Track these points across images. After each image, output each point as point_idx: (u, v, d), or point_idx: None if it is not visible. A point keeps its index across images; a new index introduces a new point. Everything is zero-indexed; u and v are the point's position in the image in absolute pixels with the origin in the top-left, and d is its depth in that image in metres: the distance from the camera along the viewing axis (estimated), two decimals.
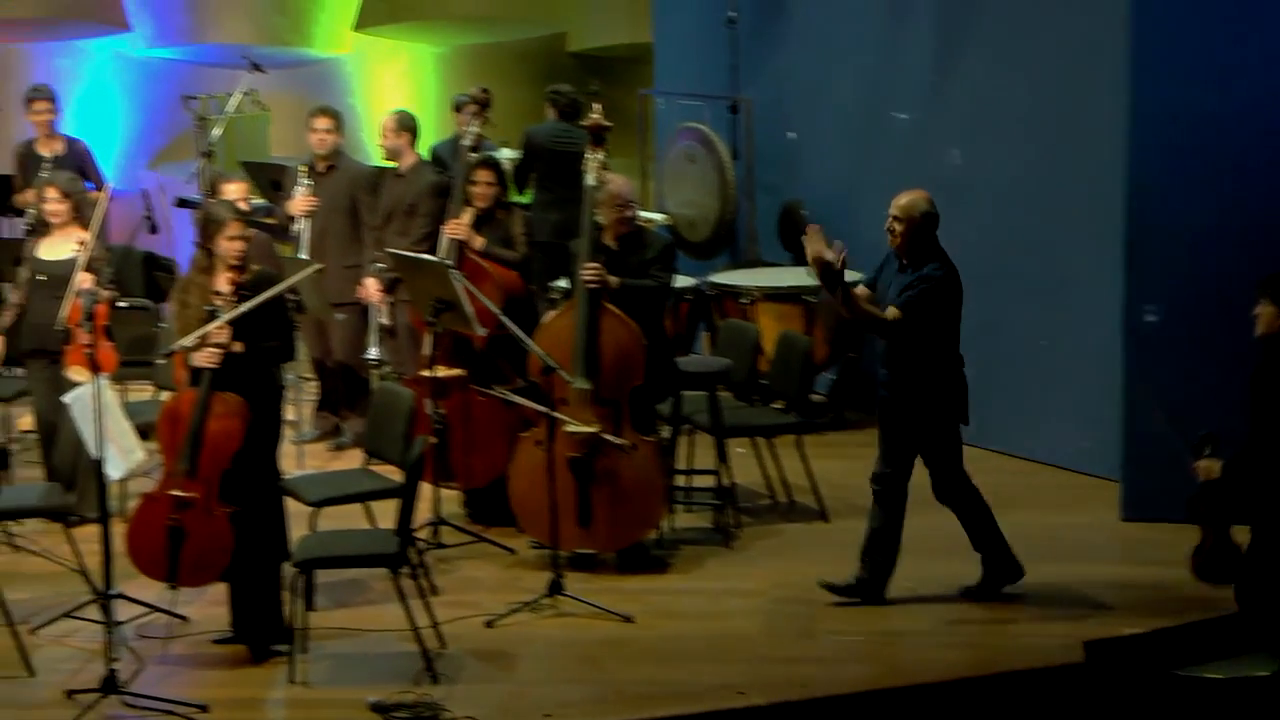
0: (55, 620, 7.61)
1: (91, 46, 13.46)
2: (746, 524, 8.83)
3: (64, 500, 8.18)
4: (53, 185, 8.79)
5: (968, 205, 9.99)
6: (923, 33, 10.31)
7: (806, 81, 11.30)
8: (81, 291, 8.05)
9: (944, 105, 10.15)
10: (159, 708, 6.77)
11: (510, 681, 7.13)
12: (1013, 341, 9.79)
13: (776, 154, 11.42)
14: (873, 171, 10.73)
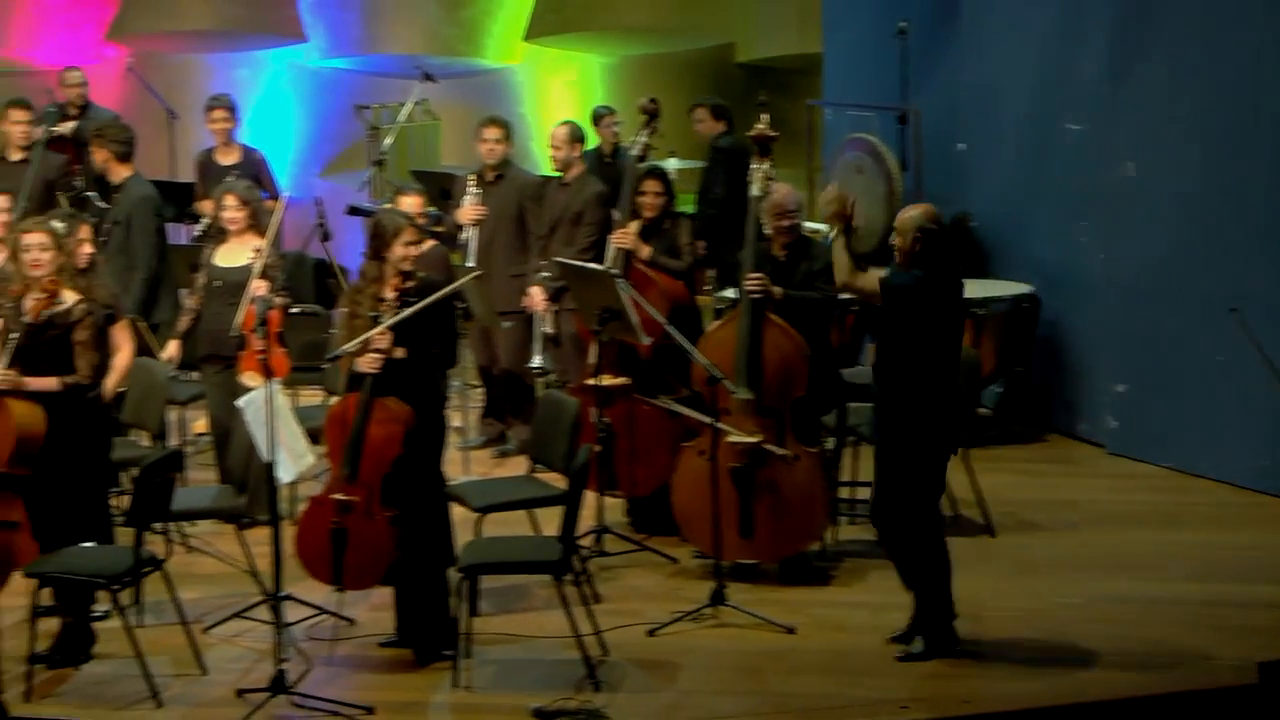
0: (226, 620, 7.75)
1: (269, 57, 13.71)
2: None
3: (236, 503, 8.32)
4: (231, 193, 8.95)
5: (1141, 217, 9.85)
6: (1097, 42, 10.17)
7: (977, 92, 11.20)
8: (256, 298, 8.18)
9: (1118, 116, 10.00)
10: (325, 709, 6.86)
11: (671, 690, 7.13)
12: (1189, 357, 9.62)
13: (945, 165, 11.32)
14: (1044, 183, 10.61)
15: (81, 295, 7.45)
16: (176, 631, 7.37)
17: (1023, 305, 10.35)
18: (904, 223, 7.30)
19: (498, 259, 9.90)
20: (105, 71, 13.21)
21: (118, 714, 6.87)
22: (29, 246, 7.37)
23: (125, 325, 7.88)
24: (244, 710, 6.85)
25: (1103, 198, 10.11)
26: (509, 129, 10.11)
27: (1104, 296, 10.13)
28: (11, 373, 7.24)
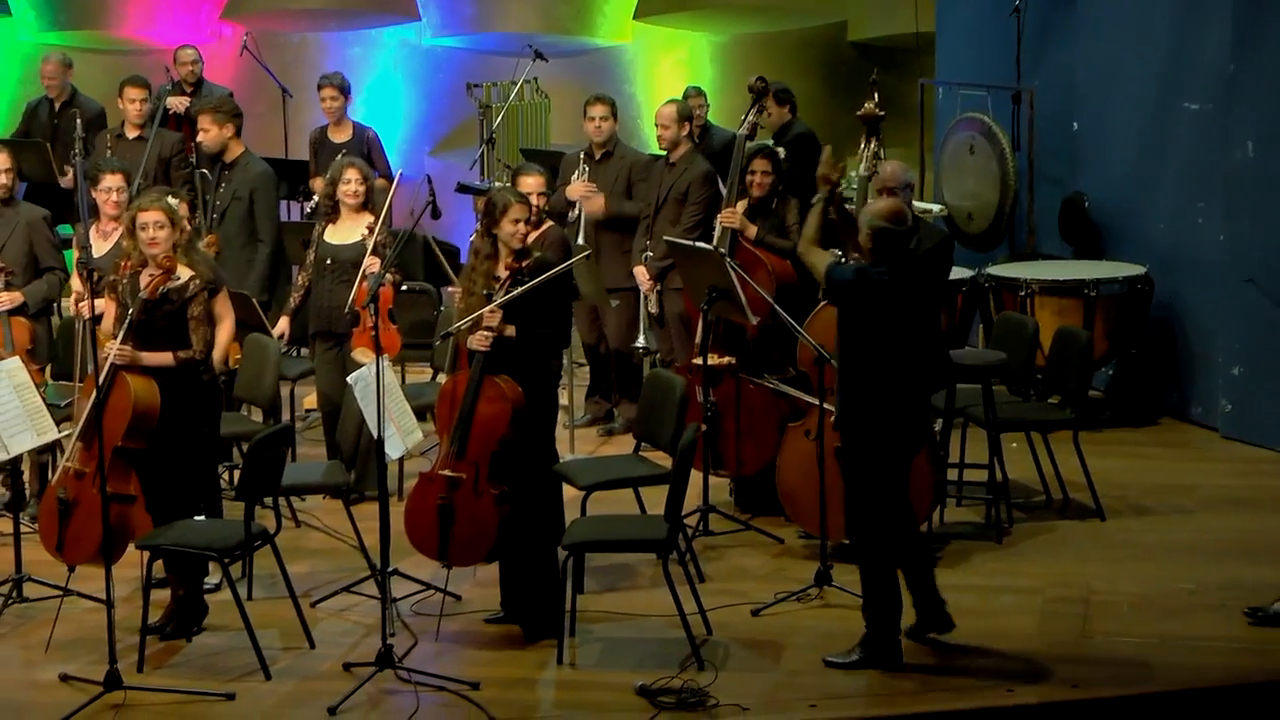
0: (335, 594, 7.82)
1: (382, 35, 13.79)
2: (1019, 520, 8.67)
3: (345, 478, 8.39)
4: (354, 166, 8.99)
5: (1261, 199, 9.69)
6: (1219, 21, 10.00)
7: (1093, 71, 11.05)
8: (368, 275, 8.24)
9: (1239, 96, 9.83)
10: (432, 683, 6.91)
11: (776, 671, 7.11)
12: None
13: (1060, 145, 11.20)
14: (1162, 164, 10.46)
15: (196, 272, 7.53)
16: (285, 605, 7.44)
17: (1137, 287, 10.22)
18: (863, 218, 7.12)
19: (606, 237, 9.92)
20: (221, 50, 13.34)
21: (228, 685, 6.94)
22: (146, 224, 7.45)
23: (226, 298, 7.95)
24: (351, 684, 6.90)
25: (1221, 179, 9.96)
26: (615, 107, 10.11)
27: (1220, 278, 9.98)
28: (127, 348, 7.33)
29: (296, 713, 6.78)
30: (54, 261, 8.90)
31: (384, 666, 6.95)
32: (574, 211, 9.93)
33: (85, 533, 7.31)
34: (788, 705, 6.82)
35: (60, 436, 7.66)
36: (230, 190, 9.62)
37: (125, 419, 7.31)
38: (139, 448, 7.37)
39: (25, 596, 7.70)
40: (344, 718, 6.69)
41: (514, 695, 6.91)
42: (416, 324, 9.31)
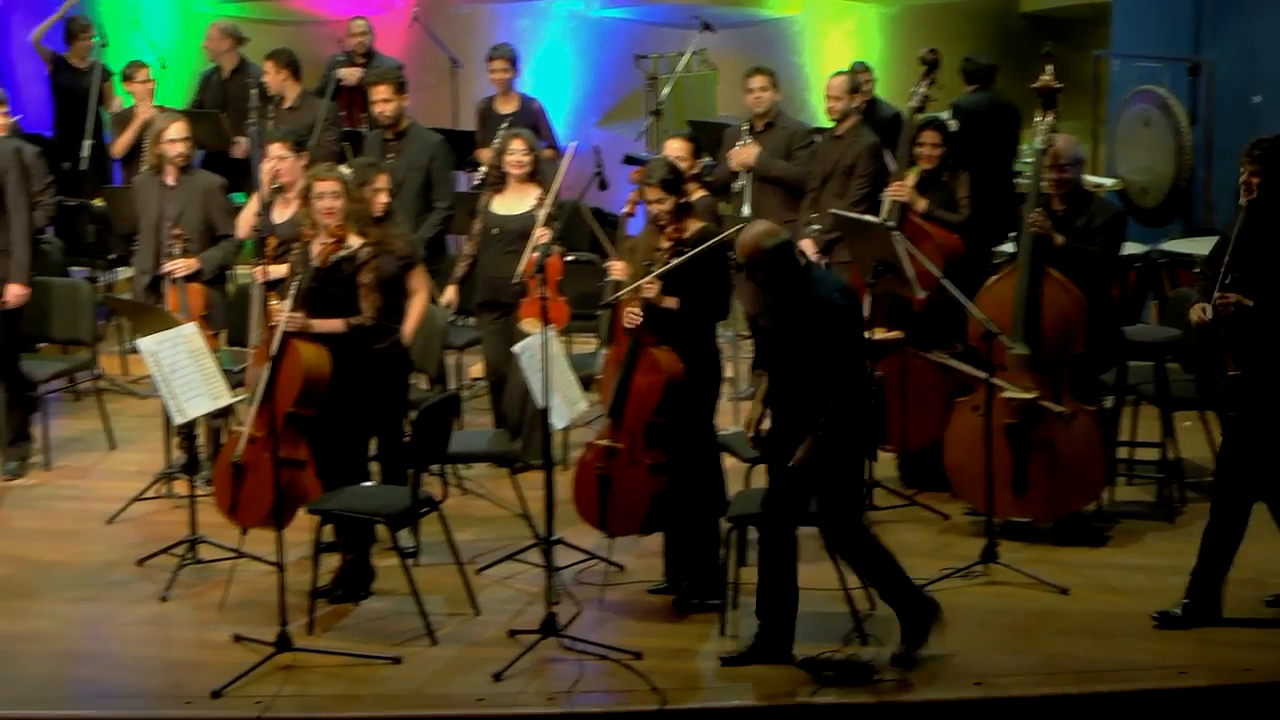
0: (499, 562, 7.89)
1: (550, 7, 13.84)
2: (1192, 500, 8.51)
3: (510, 447, 8.45)
4: (520, 138, 9.05)
5: None
6: None
7: (1276, 42, 10.78)
8: (537, 246, 8.28)
9: None
10: (595, 652, 6.95)
11: (940, 647, 7.05)
12: None
13: (1239, 119, 10.94)
14: None
15: (366, 241, 7.62)
16: (451, 571, 7.52)
17: None
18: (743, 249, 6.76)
19: (770, 208, 9.87)
20: (392, 22, 13.47)
21: (394, 649, 7.04)
22: (322, 194, 7.55)
23: (421, 272, 8.04)
24: (515, 650, 6.96)
25: None
26: (775, 78, 10.05)
27: None
28: (299, 315, 7.44)
29: (461, 678, 6.85)
30: (229, 229, 9.05)
31: (548, 634, 7.00)
32: (737, 182, 9.90)
33: (257, 496, 7.44)
34: (951, 681, 6.77)
35: (234, 401, 7.80)
36: (405, 161, 9.72)
37: (296, 385, 7.42)
38: (309, 414, 7.47)
39: (200, 558, 7.86)
40: (508, 684, 6.75)
41: (675, 666, 6.92)
42: (582, 295, 9.33)
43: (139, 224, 9.13)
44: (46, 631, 7.33)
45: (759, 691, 6.73)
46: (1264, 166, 7.10)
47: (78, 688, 6.87)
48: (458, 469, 8.69)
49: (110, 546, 8.21)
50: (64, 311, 9.54)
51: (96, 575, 7.89)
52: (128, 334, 10.51)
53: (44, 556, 8.11)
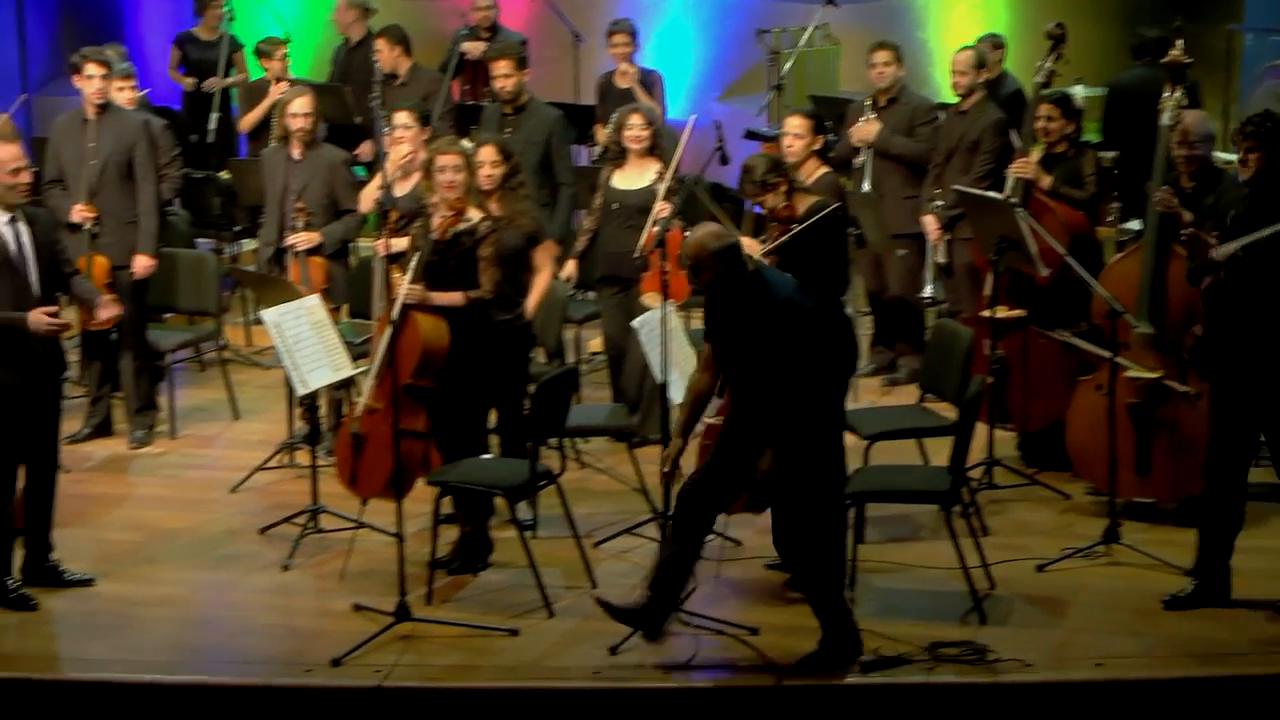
0: (617, 536, 7.91)
1: None
2: None
3: (628, 421, 8.47)
4: (638, 113, 9.05)
5: None
6: None
7: None
8: (658, 220, 8.28)
9: None
10: (711, 627, 6.94)
11: (1060, 628, 7.00)
12: None
13: None
14: None
15: (486, 214, 7.65)
16: (569, 544, 7.55)
17: None
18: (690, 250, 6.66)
19: (891, 182, 9.82)
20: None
21: (511, 621, 7.07)
22: (444, 167, 7.59)
23: (547, 247, 8.06)
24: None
25: None
26: (899, 53, 9.99)
27: None
28: (418, 287, 7.48)
29: (577, 650, 6.88)
30: (352, 203, 9.12)
31: None
32: (858, 158, 9.84)
33: (377, 467, 7.50)
34: (1072, 663, 6.70)
35: (355, 373, 7.86)
36: (523, 136, 9.74)
37: (414, 357, 7.47)
38: (427, 385, 7.52)
39: (321, 528, 7.94)
40: (624, 657, 6.77)
41: (792, 642, 6.90)
42: None
43: (264, 197, 9.23)
44: (171, 598, 7.44)
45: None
46: (1259, 142, 6.98)
47: (200, 654, 6.97)
48: (576, 443, 8.72)
49: (234, 515, 8.32)
50: (190, 283, 9.66)
51: (220, 543, 8.00)
52: (252, 305, 10.64)
53: (169, 524, 8.23)
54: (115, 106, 9.24)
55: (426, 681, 6.66)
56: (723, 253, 6.58)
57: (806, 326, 6.58)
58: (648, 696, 6.60)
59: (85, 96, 9.09)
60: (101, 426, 9.38)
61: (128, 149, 9.08)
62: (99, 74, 9.05)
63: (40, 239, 7.26)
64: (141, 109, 9.92)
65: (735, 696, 6.65)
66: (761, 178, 7.31)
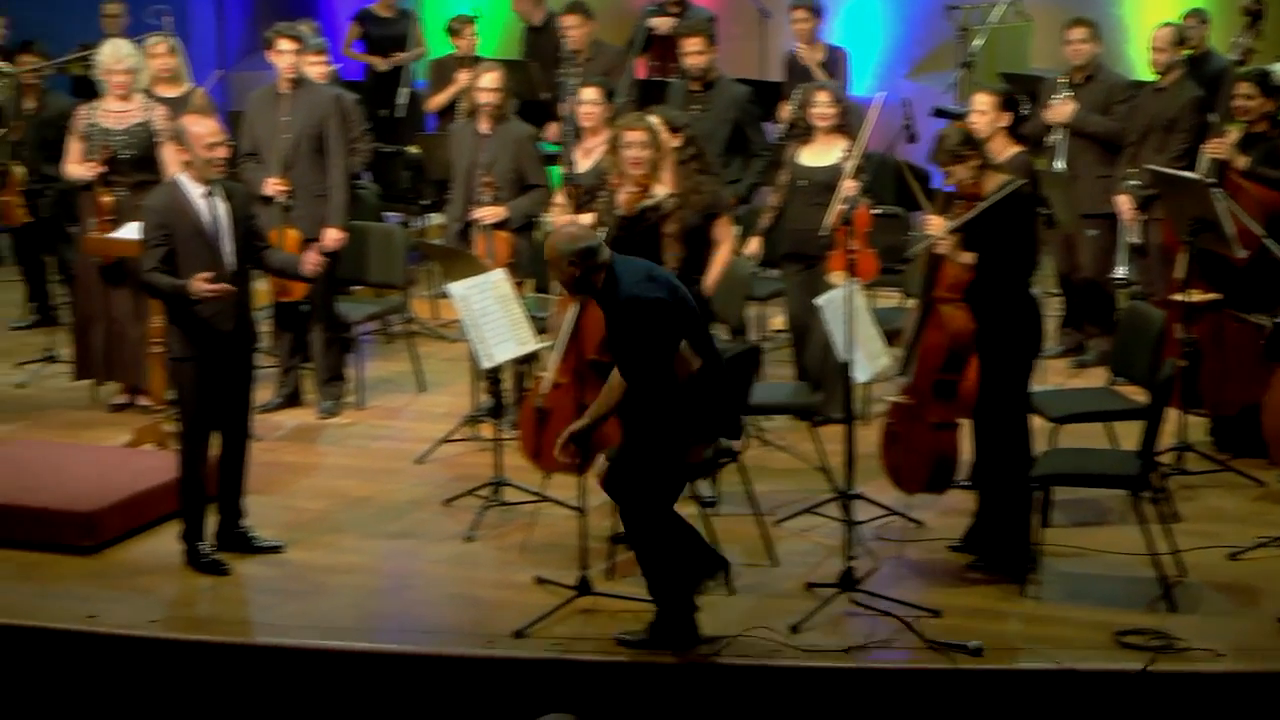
0: (798, 515, 7.88)
1: None
2: None
3: (811, 400, 8.42)
4: (825, 89, 9.00)
5: None
6: None
7: None
8: (845, 198, 8.22)
9: None
10: (893, 609, 6.89)
11: (1253, 617, 6.84)
12: None
13: None
14: None
15: (673, 190, 7.65)
16: (749, 522, 7.53)
17: None
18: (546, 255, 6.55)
19: (1084, 161, 9.66)
20: None
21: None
22: (630, 143, 7.59)
23: (727, 223, 8.05)
24: (812, 603, 6.95)
25: None
26: (1095, 29, 9.81)
27: None
28: None
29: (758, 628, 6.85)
30: (538, 179, 9.17)
31: (845, 588, 6.97)
32: (1051, 136, 9.69)
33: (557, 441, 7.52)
34: (1265, 653, 6.55)
35: (539, 347, 7.91)
36: (712, 113, 9.73)
37: (599, 332, 7.47)
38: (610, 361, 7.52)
39: (504, 500, 8.00)
40: (805, 637, 6.74)
41: (975, 625, 6.83)
42: (889, 248, 9.23)
43: (452, 171, 9.31)
44: (355, 566, 7.55)
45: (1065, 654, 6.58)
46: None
47: (383, 621, 7.06)
48: (758, 420, 8.69)
49: (418, 486, 8.41)
50: (378, 255, 9.78)
51: (404, 513, 8.10)
52: (438, 279, 10.75)
53: (355, 493, 8.35)
54: (308, 81, 9.37)
55: (606, 655, 6.68)
56: (576, 254, 6.42)
57: (652, 318, 6.42)
58: (827, 676, 6.57)
59: (278, 71, 9.24)
60: (291, 397, 9.55)
61: (319, 123, 9.21)
62: (291, 49, 9.19)
63: (237, 213, 7.38)
64: (332, 84, 10.06)
65: (915, 678, 6.59)
66: (954, 148, 7.20)
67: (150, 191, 7.74)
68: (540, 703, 6.03)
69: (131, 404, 9.39)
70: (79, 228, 9.38)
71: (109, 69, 9.13)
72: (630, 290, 6.46)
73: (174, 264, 7.24)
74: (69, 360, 9.63)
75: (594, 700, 6.48)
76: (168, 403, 8.46)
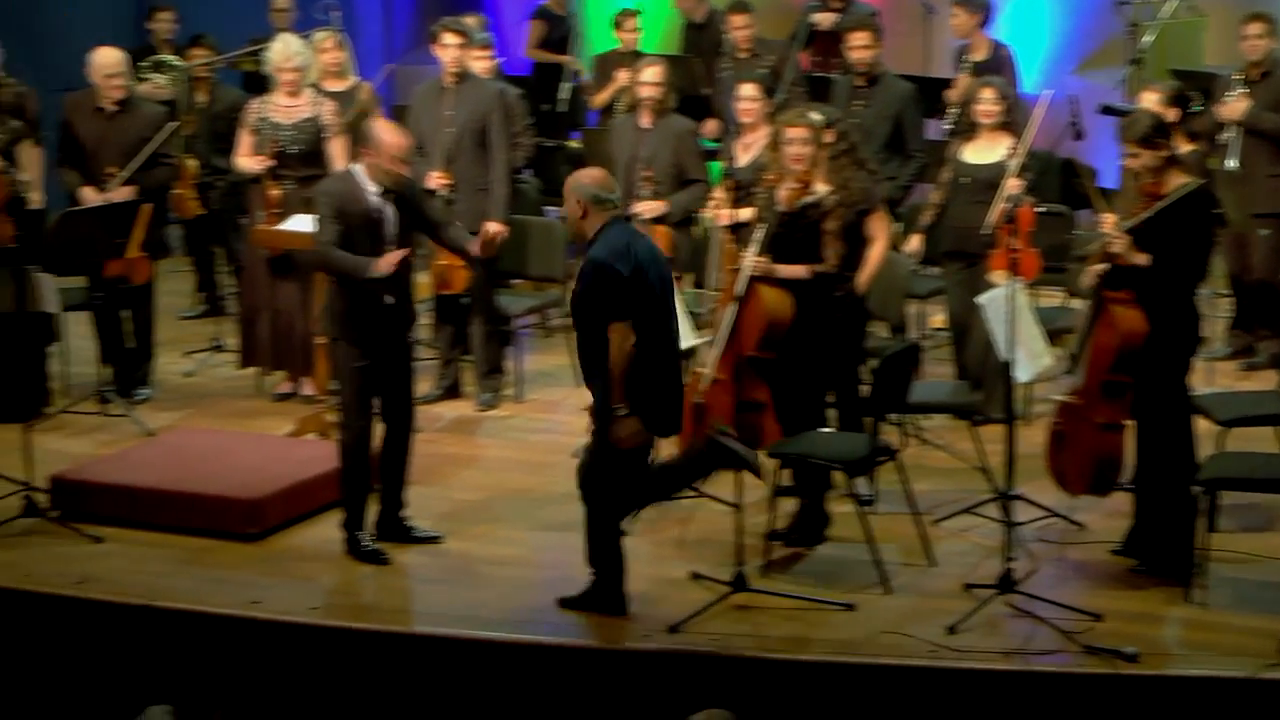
0: (956, 515, 7.80)
1: None
2: None
3: (971, 399, 8.34)
4: (990, 86, 8.89)
5: None
6: None
7: None
8: (1008, 196, 8.13)
9: None
10: (1052, 611, 6.79)
11: None
12: None
13: None
14: None
15: (833, 187, 7.61)
16: (907, 521, 7.47)
17: None
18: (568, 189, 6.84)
19: (1257, 161, 9.46)
20: None
21: (847, 596, 7.04)
22: (791, 140, 7.57)
23: (881, 218, 7.99)
24: (970, 604, 6.88)
25: None
26: (1274, 25, 9.60)
27: None
28: (763, 259, 7.48)
29: (914, 627, 6.80)
30: (698, 173, 9.16)
31: (1004, 590, 6.89)
32: (1224, 134, 9.50)
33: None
34: None
35: (698, 343, 7.90)
36: (874, 110, 9.66)
37: (759, 329, 7.47)
38: (769, 358, 7.52)
39: None
40: (962, 637, 6.67)
41: (1137, 630, 6.72)
42: (1052, 247, 9.11)
43: (613, 165, 9.33)
44: (511, 557, 7.60)
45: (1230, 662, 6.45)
46: None
47: (538, 614, 7.08)
48: (916, 419, 8.62)
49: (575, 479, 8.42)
50: (538, 249, 9.84)
51: (561, 506, 8.11)
52: None
53: (512, 485, 8.41)
54: (472, 75, 9.45)
55: (762, 652, 6.67)
56: (588, 197, 6.76)
57: (597, 283, 6.63)
58: (986, 678, 6.50)
59: (442, 65, 9.32)
60: (451, 389, 9.63)
61: (483, 117, 9.28)
62: (455, 43, 9.27)
63: (405, 213, 7.45)
64: (496, 78, 10.13)
65: (1075, 683, 6.50)
66: (1144, 133, 7.03)
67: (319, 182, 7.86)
68: (695, 698, 6.05)
69: (295, 394, 9.53)
70: (248, 220, 9.54)
71: (278, 66, 9.27)
72: (598, 254, 6.66)
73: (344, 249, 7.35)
74: (235, 350, 9.80)
75: (749, 696, 6.46)
76: (330, 393, 8.57)
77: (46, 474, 7.99)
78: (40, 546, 7.64)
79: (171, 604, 7.09)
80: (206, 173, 10.61)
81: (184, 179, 10.22)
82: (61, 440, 8.85)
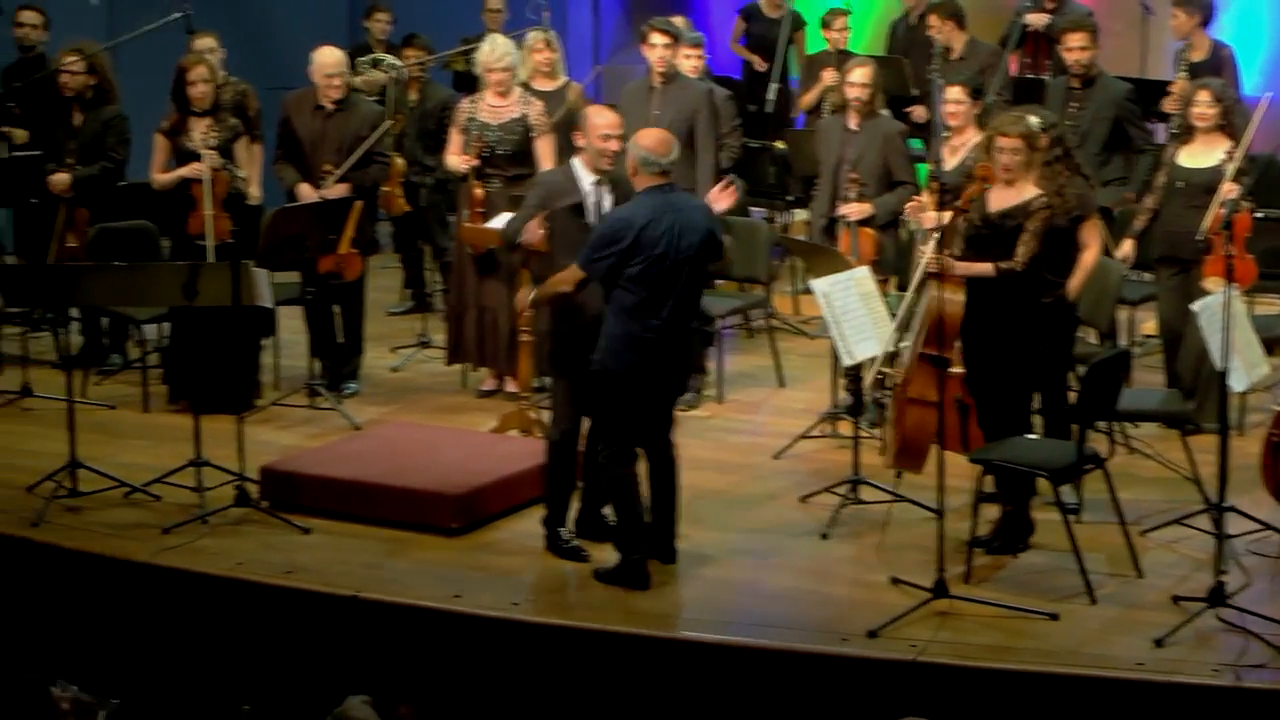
0: (1165, 525, 7.64)
1: None
2: None
3: (1183, 408, 8.15)
4: (1206, 88, 8.70)
5: None
6: None
7: None
8: (1225, 201, 7.94)
9: None
10: (1266, 627, 6.61)
11: None
12: None
13: None
14: None
15: (1042, 190, 7.48)
16: (1113, 531, 7.33)
17: None
18: None
19: None
20: None
21: (1051, 605, 6.92)
22: (1003, 149, 7.45)
23: (1095, 225, 7.84)
24: (1179, 617, 6.73)
25: None
26: None
27: None
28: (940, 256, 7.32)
29: (1120, 639, 6.67)
30: (906, 176, 9.08)
31: (1214, 604, 6.73)
32: None
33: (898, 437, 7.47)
34: None
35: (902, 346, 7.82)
36: (1090, 111, 9.51)
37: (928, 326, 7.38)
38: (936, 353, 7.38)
39: (860, 499, 7.95)
40: (1169, 651, 6.53)
41: None
42: (1271, 253, 8.88)
43: (819, 166, 9.28)
44: (710, 558, 7.58)
45: None
46: None
47: (735, 615, 7.07)
48: (1125, 427, 8.46)
49: (775, 481, 8.42)
50: (742, 250, 9.79)
51: (760, 508, 8.11)
52: (801, 275, 10.74)
53: (712, 485, 8.40)
54: (681, 75, 9.46)
55: (962, 660, 6.58)
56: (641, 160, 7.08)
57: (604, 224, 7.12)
58: (1194, 693, 6.35)
59: (650, 64, 9.35)
60: None
61: (689, 117, 9.29)
62: (663, 42, 9.30)
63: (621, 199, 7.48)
64: (705, 78, 10.13)
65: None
66: None
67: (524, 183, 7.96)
68: (894, 705, 6.00)
69: (499, 390, 9.62)
70: (456, 217, 9.65)
71: (488, 66, 9.36)
72: (621, 211, 7.15)
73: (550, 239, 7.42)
74: (442, 346, 9.92)
75: (949, 705, 6.39)
76: (533, 390, 8.63)
77: (257, 465, 8.16)
78: (251, 536, 7.80)
79: (376, 595, 7.20)
80: (414, 171, 10.76)
81: (394, 178, 10.38)
82: (272, 432, 9.03)
